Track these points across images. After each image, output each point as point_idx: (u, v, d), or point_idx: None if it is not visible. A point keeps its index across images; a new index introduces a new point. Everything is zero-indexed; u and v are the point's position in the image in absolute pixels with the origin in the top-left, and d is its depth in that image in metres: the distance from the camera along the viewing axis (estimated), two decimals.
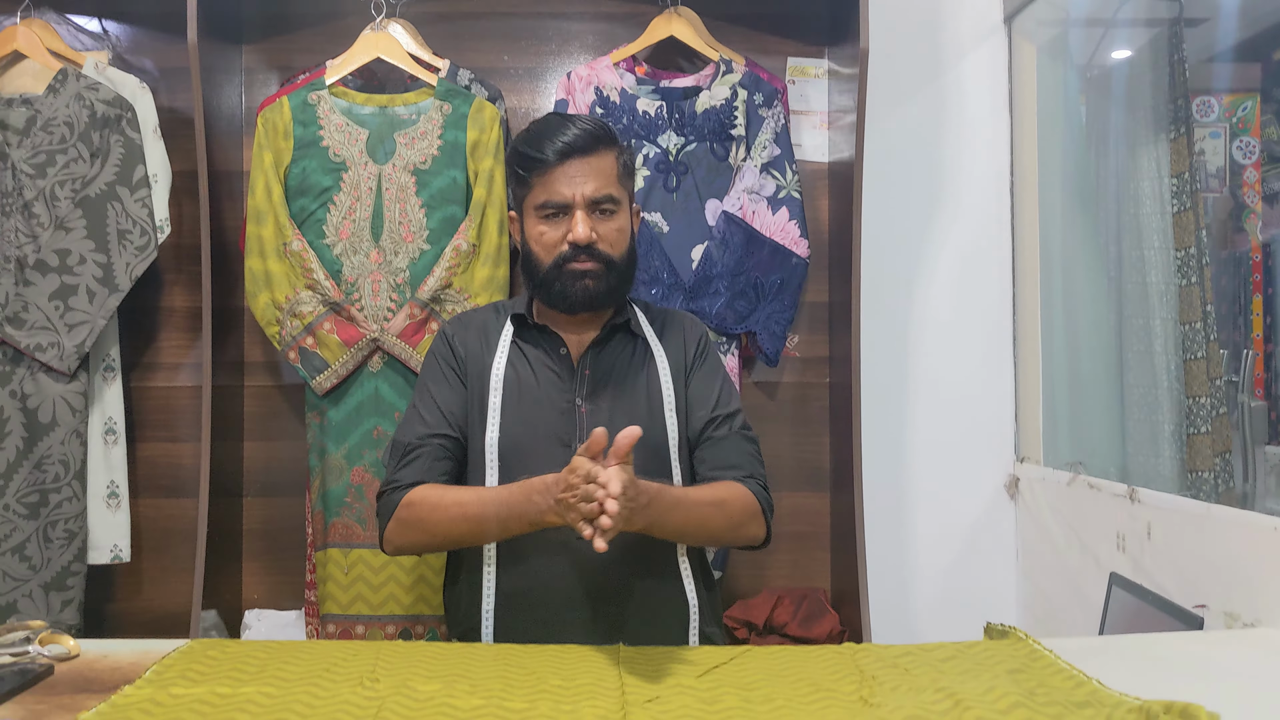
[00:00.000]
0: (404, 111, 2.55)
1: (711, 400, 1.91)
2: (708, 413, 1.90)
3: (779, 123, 2.63)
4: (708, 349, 1.97)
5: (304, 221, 2.50)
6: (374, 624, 2.47)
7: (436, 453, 1.85)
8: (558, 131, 1.82)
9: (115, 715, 1.20)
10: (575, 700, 1.29)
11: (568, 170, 1.80)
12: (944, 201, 2.89)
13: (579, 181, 1.80)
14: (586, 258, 1.82)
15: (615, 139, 1.88)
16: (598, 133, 1.83)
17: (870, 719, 1.17)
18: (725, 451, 1.88)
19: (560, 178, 1.80)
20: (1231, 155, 3.25)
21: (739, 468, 1.87)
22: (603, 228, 1.83)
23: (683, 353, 1.94)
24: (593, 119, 1.87)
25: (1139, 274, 2.75)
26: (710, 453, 1.88)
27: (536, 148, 1.82)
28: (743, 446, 1.90)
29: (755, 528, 1.84)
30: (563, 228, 1.82)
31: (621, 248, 1.86)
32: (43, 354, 2.44)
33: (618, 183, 1.85)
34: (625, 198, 1.88)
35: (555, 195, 1.81)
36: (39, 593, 2.44)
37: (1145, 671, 1.40)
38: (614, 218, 1.84)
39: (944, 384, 2.87)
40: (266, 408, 2.76)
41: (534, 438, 1.83)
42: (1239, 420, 3.05)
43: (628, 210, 1.88)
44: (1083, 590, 2.39)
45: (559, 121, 1.85)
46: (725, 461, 1.87)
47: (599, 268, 1.82)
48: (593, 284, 1.83)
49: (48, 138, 2.48)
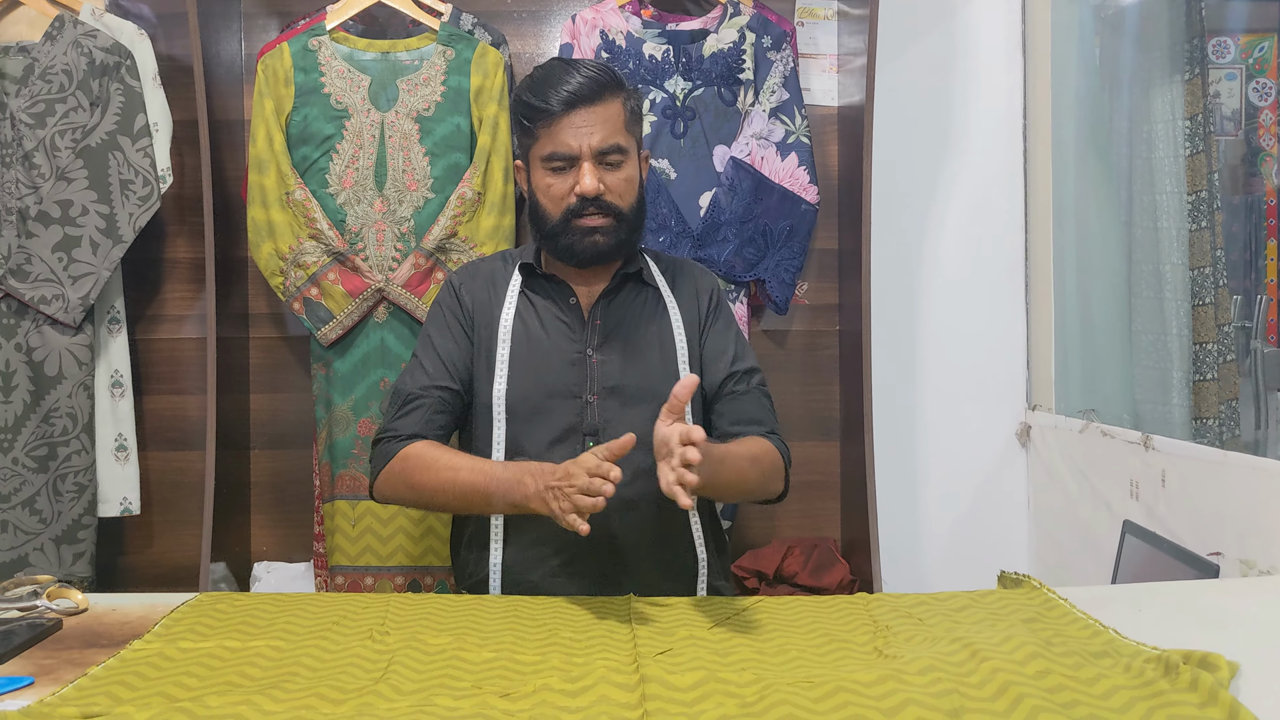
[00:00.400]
0: (406, 57, 2.50)
1: (729, 355, 1.89)
2: (726, 367, 1.87)
3: (788, 66, 2.58)
4: (720, 302, 1.94)
5: (306, 170, 2.47)
6: (383, 575, 2.47)
7: (436, 405, 1.82)
8: (562, 79, 1.77)
9: (125, 669, 1.20)
10: (587, 653, 1.28)
11: (573, 120, 1.76)
12: (956, 146, 2.84)
13: (585, 132, 1.76)
14: (594, 211, 1.78)
15: (621, 84, 1.82)
16: (603, 79, 1.78)
17: (886, 670, 1.16)
18: (746, 406, 1.86)
19: (566, 128, 1.76)
20: (1248, 97, 3.19)
21: (761, 423, 1.85)
22: (610, 178, 1.79)
23: (695, 305, 1.91)
24: (598, 64, 1.82)
25: (1150, 218, 2.72)
26: (730, 407, 1.86)
27: (540, 97, 1.77)
28: (763, 402, 1.87)
29: (778, 483, 1.83)
30: (570, 179, 1.78)
31: (630, 198, 1.82)
32: (47, 306, 2.42)
33: (625, 130, 1.80)
34: (633, 145, 1.83)
35: (561, 146, 1.76)
36: (50, 546, 2.44)
37: (1161, 620, 1.39)
38: (622, 168, 1.80)
39: (955, 331, 2.84)
40: (272, 359, 2.75)
41: (543, 390, 1.80)
42: (1251, 366, 3.02)
43: (636, 158, 1.84)
44: (1094, 538, 2.38)
45: (563, 68, 1.80)
46: (747, 416, 1.85)
47: (608, 221, 1.79)
48: (602, 239, 1.79)
49: (46, 86, 2.44)
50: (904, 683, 1.12)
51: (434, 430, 1.81)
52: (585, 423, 1.79)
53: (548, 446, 1.78)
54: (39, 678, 1.19)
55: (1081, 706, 1.06)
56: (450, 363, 1.85)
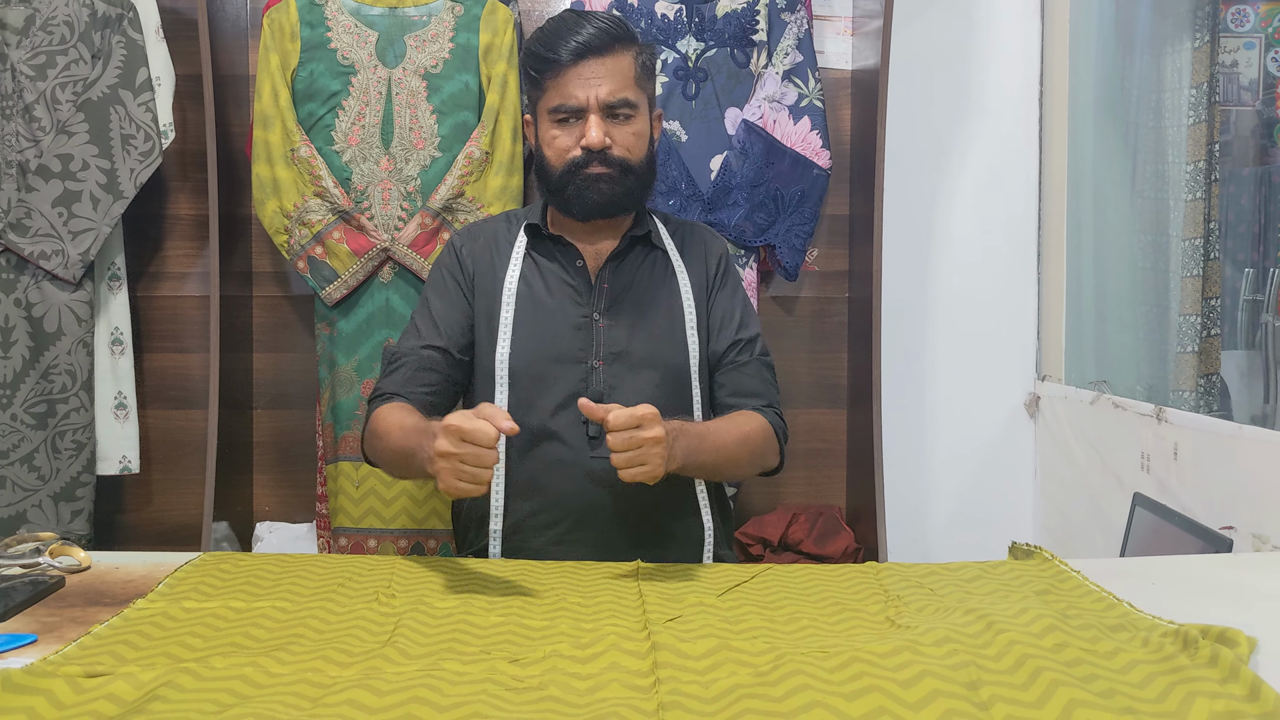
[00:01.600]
0: (414, 13, 2.46)
1: (735, 323, 1.86)
2: (731, 335, 1.85)
3: (802, 28, 2.54)
4: (729, 267, 1.91)
5: (312, 127, 2.43)
6: (386, 538, 2.45)
7: (422, 363, 1.77)
8: (572, 30, 1.73)
9: (128, 629, 1.18)
10: (596, 619, 1.27)
11: (582, 71, 1.72)
12: (971, 111, 2.81)
13: (593, 83, 1.72)
14: (600, 163, 1.74)
15: (633, 37, 1.78)
16: (614, 30, 1.74)
17: (902, 641, 1.14)
18: (746, 378, 1.83)
19: (574, 79, 1.72)
20: (1266, 67, 3.15)
21: (759, 395, 1.82)
22: (618, 132, 1.75)
23: (704, 269, 1.88)
24: (609, 15, 1.78)
25: (1156, 189, 2.69)
26: (730, 379, 1.83)
27: (549, 47, 1.73)
28: (763, 373, 1.85)
29: (771, 457, 1.81)
30: (576, 132, 1.74)
31: (639, 153, 1.78)
32: (47, 261, 2.39)
33: (635, 85, 1.76)
34: (644, 100, 1.79)
35: (569, 98, 1.73)
36: (48, 503, 2.42)
37: (1175, 594, 1.37)
38: (630, 122, 1.76)
39: (966, 300, 2.82)
40: (275, 318, 2.72)
41: (548, 354, 1.77)
42: (1262, 340, 3.00)
43: (646, 114, 1.80)
44: (1103, 510, 2.37)
45: (573, 18, 1.76)
46: (746, 389, 1.82)
47: (613, 172, 1.74)
48: (607, 188, 1.75)
49: (47, 38, 2.40)
50: (920, 654, 1.10)
51: (416, 388, 1.75)
52: (590, 388, 1.75)
53: (552, 413, 1.75)
54: (42, 635, 1.17)
55: (1100, 680, 1.05)
56: (443, 322, 1.80)
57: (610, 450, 1.47)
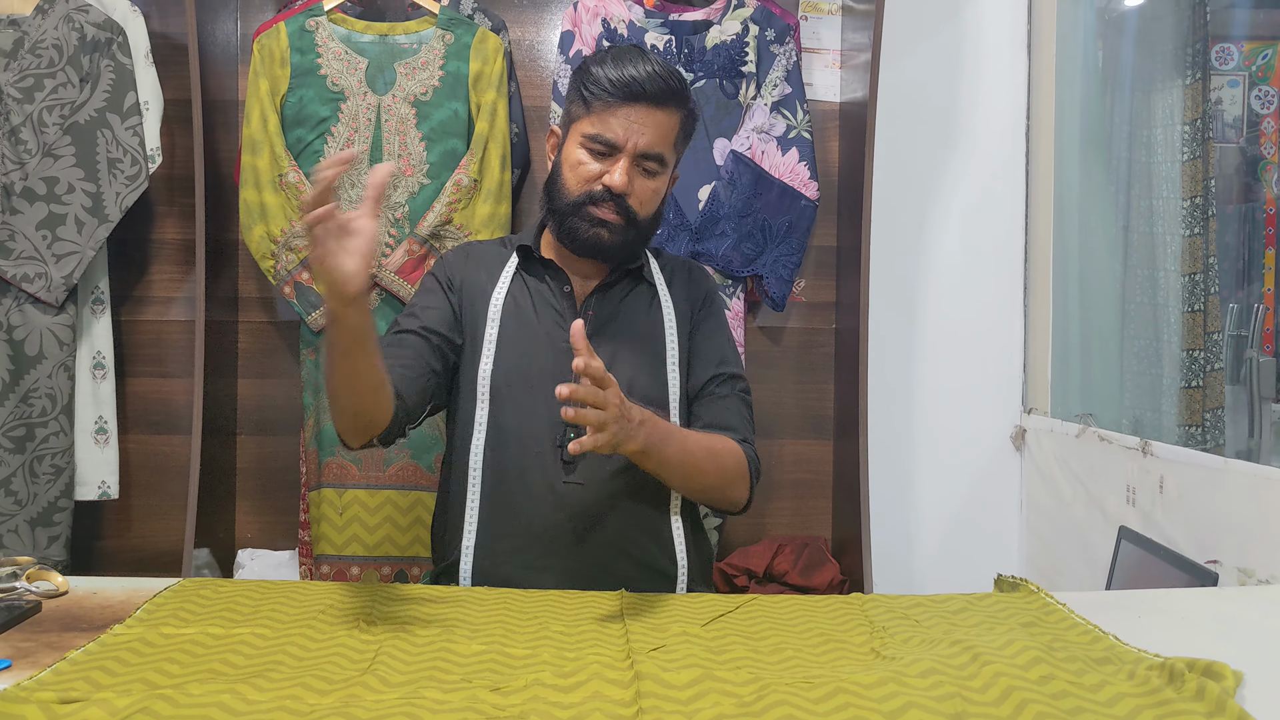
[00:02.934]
0: (405, 40, 2.47)
1: (716, 358, 1.85)
2: (711, 369, 1.83)
3: (791, 60, 2.56)
4: (714, 303, 1.90)
5: (300, 153, 2.43)
6: (369, 565, 2.43)
7: (391, 340, 1.74)
8: (638, 68, 1.70)
9: (105, 654, 1.16)
10: (579, 648, 1.25)
11: (631, 113, 1.70)
12: (958, 145, 2.82)
13: (637, 129, 1.70)
14: (613, 208, 1.72)
15: (687, 99, 1.76)
16: (673, 86, 1.72)
17: (887, 672, 1.13)
18: (723, 411, 1.81)
19: (620, 116, 1.70)
20: (1250, 104, 3.18)
21: (735, 430, 1.79)
22: (640, 183, 1.73)
23: (688, 305, 1.87)
24: (675, 70, 1.75)
25: (1147, 223, 2.71)
26: (707, 410, 1.81)
27: (610, 74, 1.70)
28: (741, 410, 1.83)
29: (740, 489, 1.77)
30: (602, 167, 1.73)
31: (650, 209, 1.77)
32: (29, 285, 2.38)
33: (673, 145, 1.76)
34: (673, 161, 1.79)
35: (609, 131, 1.70)
36: (25, 528, 2.40)
37: (1161, 628, 1.37)
38: (654, 178, 1.75)
39: (952, 332, 2.83)
40: (261, 344, 2.71)
41: (528, 374, 1.76)
42: (1247, 375, 3.01)
43: (668, 175, 1.79)
44: (1089, 543, 2.37)
45: (641, 57, 1.73)
46: (722, 421, 1.79)
47: (620, 221, 1.73)
48: (607, 235, 1.74)
49: (35, 60, 2.40)
50: (905, 685, 1.09)
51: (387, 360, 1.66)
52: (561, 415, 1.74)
53: (529, 430, 1.74)
54: (16, 660, 1.16)
55: (1086, 713, 1.04)
56: (423, 313, 1.78)
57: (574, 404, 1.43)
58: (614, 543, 1.74)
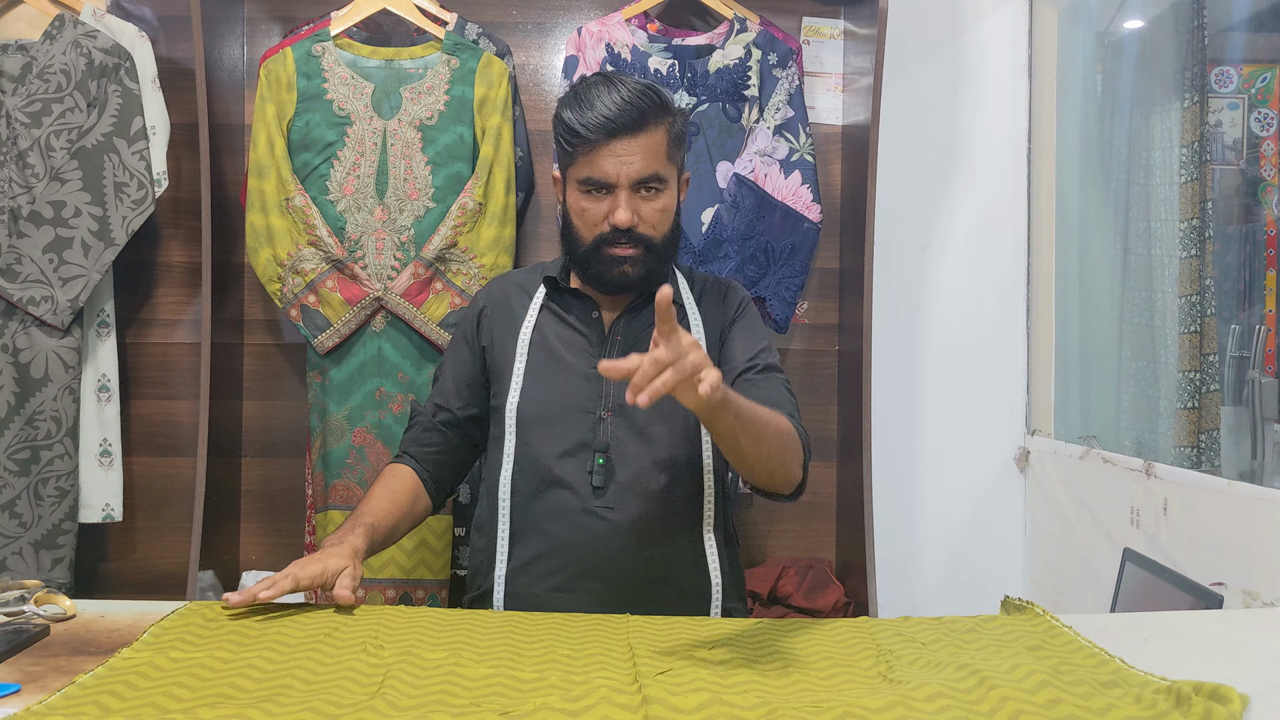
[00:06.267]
0: (410, 65, 2.48)
1: (754, 350, 1.80)
2: (746, 358, 1.79)
3: (793, 84, 2.57)
4: (747, 312, 1.87)
5: (307, 177, 2.44)
6: (374, 587, 2.43)
7: (428, 424, 1.86)
8: (605, 102, 1.69)
9: (114, 679, 1.16)
10: (586, 671, 1.25)
11: (614, 149, 1.69)
12: (959, 168, 2.83)
13: (624, 161, 1.69)
14: (627, 243, 1.72)
15: (666, 109, 1.74)
16: (646, 106, 1.70)
17: (894, 696, 1.13)
18: (768, 391, 1.74)
19: (605, 156, 1.69)
20: (1249, 127, 3.19)
21: (780, 405, 1.70)
22: (646, 208, 1.73)
23: (721, 314, 1.85)
24: (643, 87, 1.72)
25: (1146, 245, 2.72)
26: (750, 391, 1.71)
27: (581, 120, 1.69)
28: (784, 392, 1.77)
29: (795, 466, 1.68)
30: (605, 206, 1.72)
31: (664, 228, 1.76)
32: (35, 308, 2.39)
33: (665, 159, 1.73)
34: (673, 172, 1.76)
35: (598, 173, 1.70)
36: (29, 550, 2.40)
37: (1167, 651, 1.37)
38: (659, 196, 1.74)
39: (955, 354, 2.83)
40: (266, 366, 2.72)
41: (557, 404, 1.77)
42: (1249, 396, 3.01)
43: (675, 184, 1.77)
44: (1093, 566, 2.36)
45: (606, 90, 1.70)
46: (767, 399, 1.67)
47: (638, 252, 1.73)
48: (631, 270, 1.74)
49: (43, 85, 2.41)
50: (912, 709, 1.09)
51: (421, 448, 1.86)
52: (596, 439, 1.75)
53: (557, 458, 1.75)
54: (25, 684, 1.16)
55: None
56: (456, 384, 1.87)
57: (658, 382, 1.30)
58: (649, 565, 1.74)
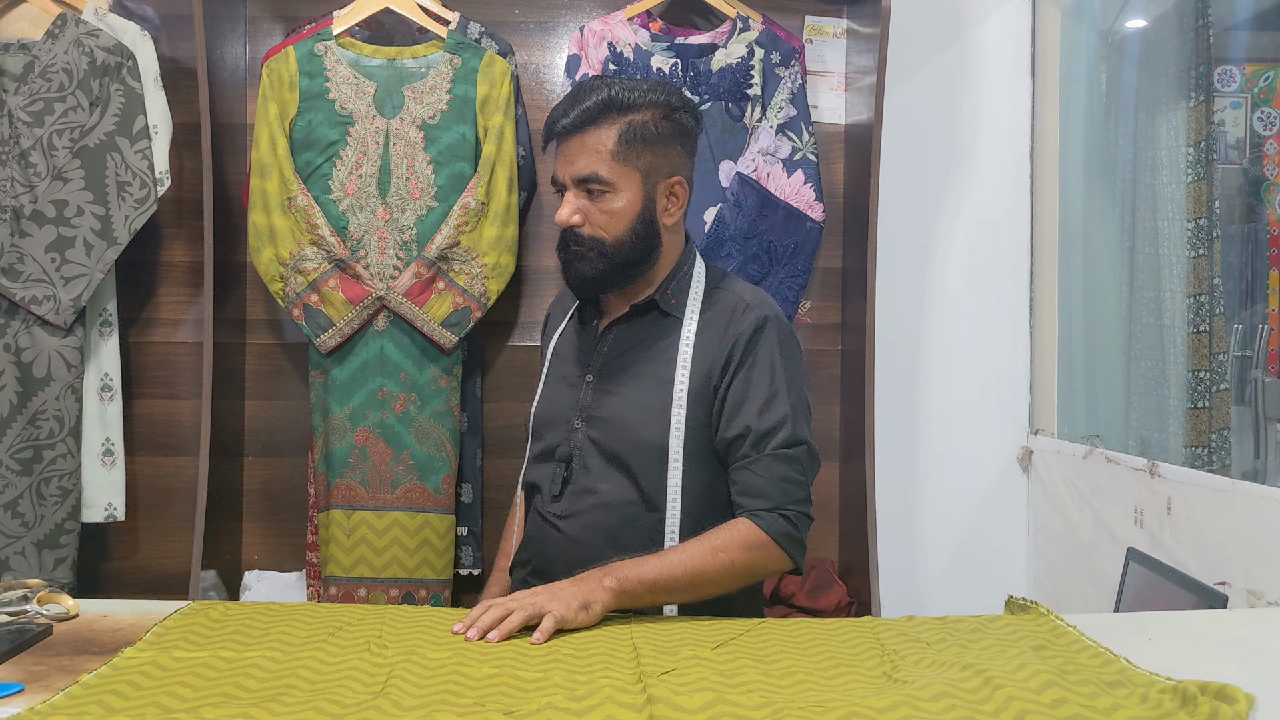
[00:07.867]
0: (413, 64, 2.48)
1: (751, 410, 1.70)
2: (740, 425, 1.70)
3: (796, 83, 2.57)
4: (755, 349, 1.73)
5: (309, 176, 2.44)
6: (377, 587, 2.43)
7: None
8: (562, 104, 1.73)
9: (117, 678, 1.16)
10: (590, 670, 1.25)
11: (566, 149, 1.73)
12: (962, 167, 2.83)
13: (568, 161, 1.73)
14: (574, 242, 1.74)
15: (621, 107, 1.70)
16: (594, 107, 1.69)
17: (899, 695, 1.13)
18: (753, 477, 1.69)
19: (559, 155, 1.75)
20: (1252, 126, 3.19)
21: (764, 497, 1.67)
22: (592, 210, 1.72)
23: (720, 347, 1.73)
24: (603, 86, 1.72)
25: (1152, 244, 2.71)
26: (739, 477, 1.70)
27: (548, 121, 1.75)
28: (774, 470, 1.68)
29: (772, 563, 1.68)
30: None
31: (616, 230, 1.72)
32: (38, 307, 2.39)
33: (612, 159, 1.69)
34: (628, 174, 1.71)
35: (555, 173, 1.75)
36: (31, 550, 2.40)
37: (1172, 650, 1.36)
38: (603, 199, 1.71)
39: (958, 353, 2.83)
40: (268, 366, 2.72)
41: (550, 411, 1.83)
42: (1251, 396, 3.01)
43: (632, 188, 1.72)
44: (1096, 565, 2.36)
45: (571, 96, 1.73)
46: (751, 488, 1.68)
47: (585, 251, 1.73)
48: (581, 267, 1.74)
49: (46, 85, 2.41)
50: (918, 709, 1.09)
51: None
52: (561, 448, 1.77)
53: (538, 462, 1.82)
54: (29, 684, 1.16)
55: None
56: (535, 405, 1.93)
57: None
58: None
